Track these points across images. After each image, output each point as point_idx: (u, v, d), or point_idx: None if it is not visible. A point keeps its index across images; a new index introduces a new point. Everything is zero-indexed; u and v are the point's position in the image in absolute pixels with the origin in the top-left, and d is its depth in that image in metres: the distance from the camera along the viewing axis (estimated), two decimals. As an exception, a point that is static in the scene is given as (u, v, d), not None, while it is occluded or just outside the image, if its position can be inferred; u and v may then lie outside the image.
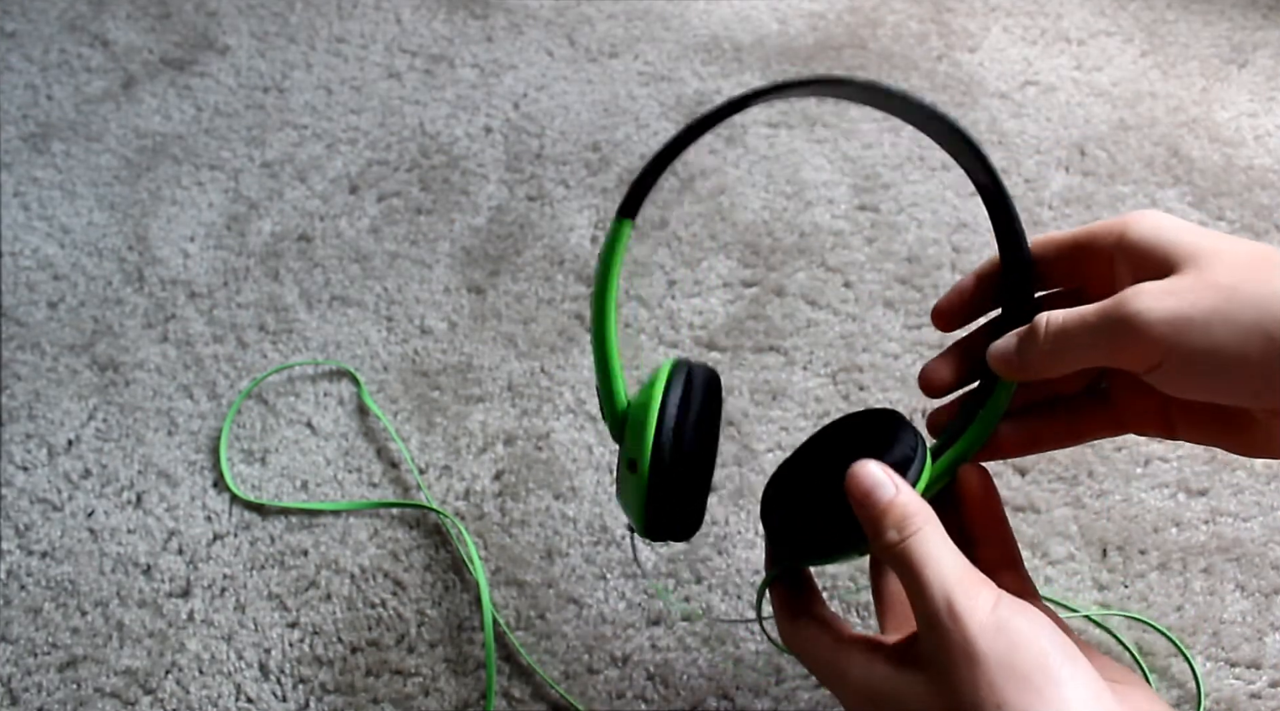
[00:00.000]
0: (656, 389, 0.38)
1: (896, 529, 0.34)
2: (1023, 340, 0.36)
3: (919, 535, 0.33)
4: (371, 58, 0.92)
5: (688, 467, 0.38)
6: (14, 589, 0.58)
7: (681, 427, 0.37)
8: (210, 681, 0.55)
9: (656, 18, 0.96)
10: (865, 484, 0.35)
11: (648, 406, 0.37)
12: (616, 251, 0.38)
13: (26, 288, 0.73)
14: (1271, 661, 0.55)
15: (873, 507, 0.34)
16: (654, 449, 0.37)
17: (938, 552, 0.33)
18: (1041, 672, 0.30)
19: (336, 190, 0.80)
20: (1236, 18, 0.96)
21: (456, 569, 0.59)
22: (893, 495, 0.34)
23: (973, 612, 0.31)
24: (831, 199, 0.78)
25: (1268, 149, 0.83)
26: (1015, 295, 0.39)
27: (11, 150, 0.84)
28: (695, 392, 0.38)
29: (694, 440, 0.38)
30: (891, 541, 0.34)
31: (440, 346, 0.69)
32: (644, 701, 0.54)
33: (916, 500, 0.34)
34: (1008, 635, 0.30)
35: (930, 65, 0.90)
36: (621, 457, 0.38)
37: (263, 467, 0.63)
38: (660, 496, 0.37)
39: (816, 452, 0.41)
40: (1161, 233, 0.34)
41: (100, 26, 0.95)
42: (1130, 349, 0.32)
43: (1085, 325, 0.34)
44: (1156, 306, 0.31)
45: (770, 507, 0.40)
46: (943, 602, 0.31)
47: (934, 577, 0.32)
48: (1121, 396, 0.39)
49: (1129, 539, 0.59)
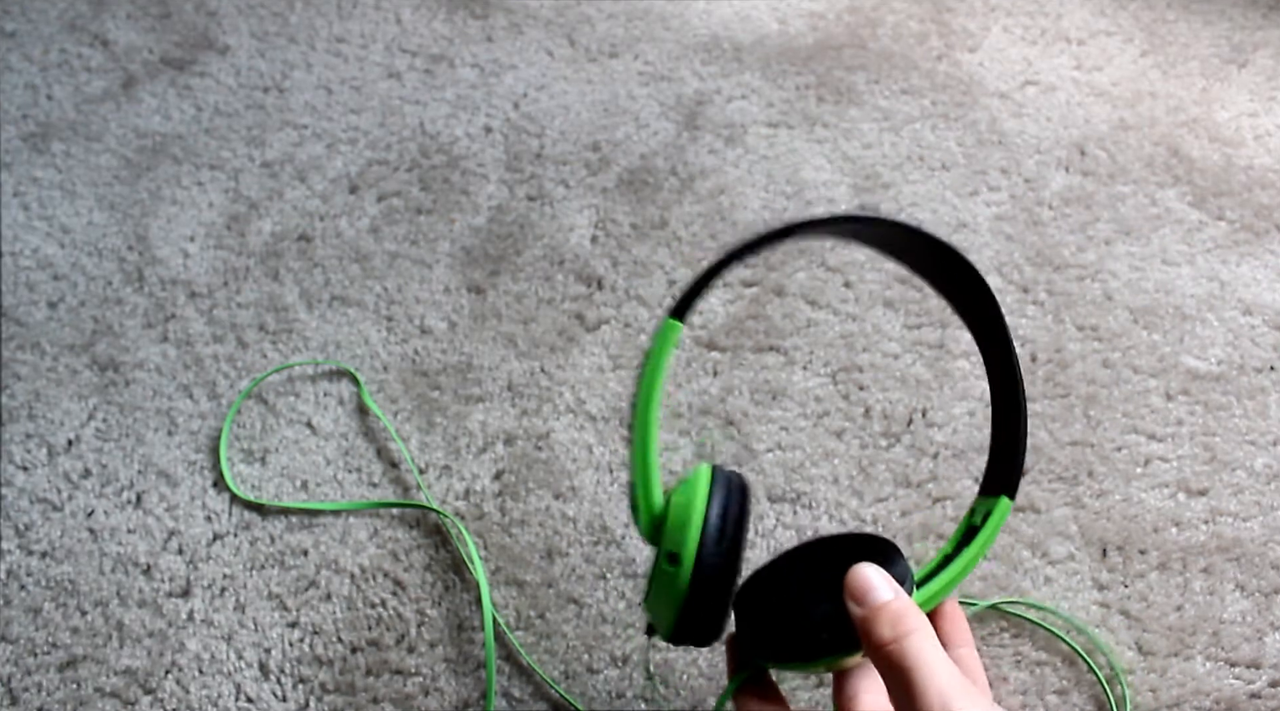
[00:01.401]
0: (700, 488, 0.38)
1: (891, 627, 0.33)
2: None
3: (915, 636, 0.33)
4: (371, 58, 0.92)
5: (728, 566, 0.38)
6: (14, 589, 0.58)
7: (724, 527, 0.38)
8: (210, 681, 0.55)
9: (656, 18, 0.96)
10: (865, 582, 0.35)
11: (692, 504, 0.38)
12: (664, 352, 0.38)
13: (26, 288, 0.73)
14: (1271, 661, 0.55)
15: (870, 605, 0.34)
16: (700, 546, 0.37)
17: (934, 656, 0.33)
18: None
19: (336, 190, 0.80)
20: (1236, 18, 0.96)
21: (456, 569, 0.59)
22: (890, 597, 0.34)
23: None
24: (831, 199, 0.78)
25: (1268, 149, 0.83)
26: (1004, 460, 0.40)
27: (11, 150, 0.84)
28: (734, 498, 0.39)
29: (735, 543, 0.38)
30: (885, 639, 0.33)
31: (440, 346, 0.69)
32: (644, 701, 0.54)
33: (912, 605, 0.35)
34: None
35: (930, 65, 0.90)
36: (660, 555, 0.38)
37: (263, 467, 0.63)
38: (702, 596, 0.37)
39: (806, 559, 0.41)
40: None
41: (100, 26, 0.95)
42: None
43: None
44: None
45: (748, 604, 0.40)
46: (939, 707, 0.31)
47: (930, 681, 0.32)
48: None
49: (1129, 539, 0.59)
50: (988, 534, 0.40)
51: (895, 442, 0.64)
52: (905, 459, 0.63)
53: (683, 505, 0.38)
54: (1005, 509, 0.40)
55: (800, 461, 0.63)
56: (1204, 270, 0.73)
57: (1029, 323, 0.70)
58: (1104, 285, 0.72)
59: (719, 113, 0.86)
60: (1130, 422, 0.64)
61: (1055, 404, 0.65)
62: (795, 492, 0.62)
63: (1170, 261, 0.74)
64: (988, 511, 0.40)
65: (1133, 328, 0.70)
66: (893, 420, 0.65)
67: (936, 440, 0.64)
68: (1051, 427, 0.64)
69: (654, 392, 0.38)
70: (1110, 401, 0.66)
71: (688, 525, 0.37)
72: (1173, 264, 0.74)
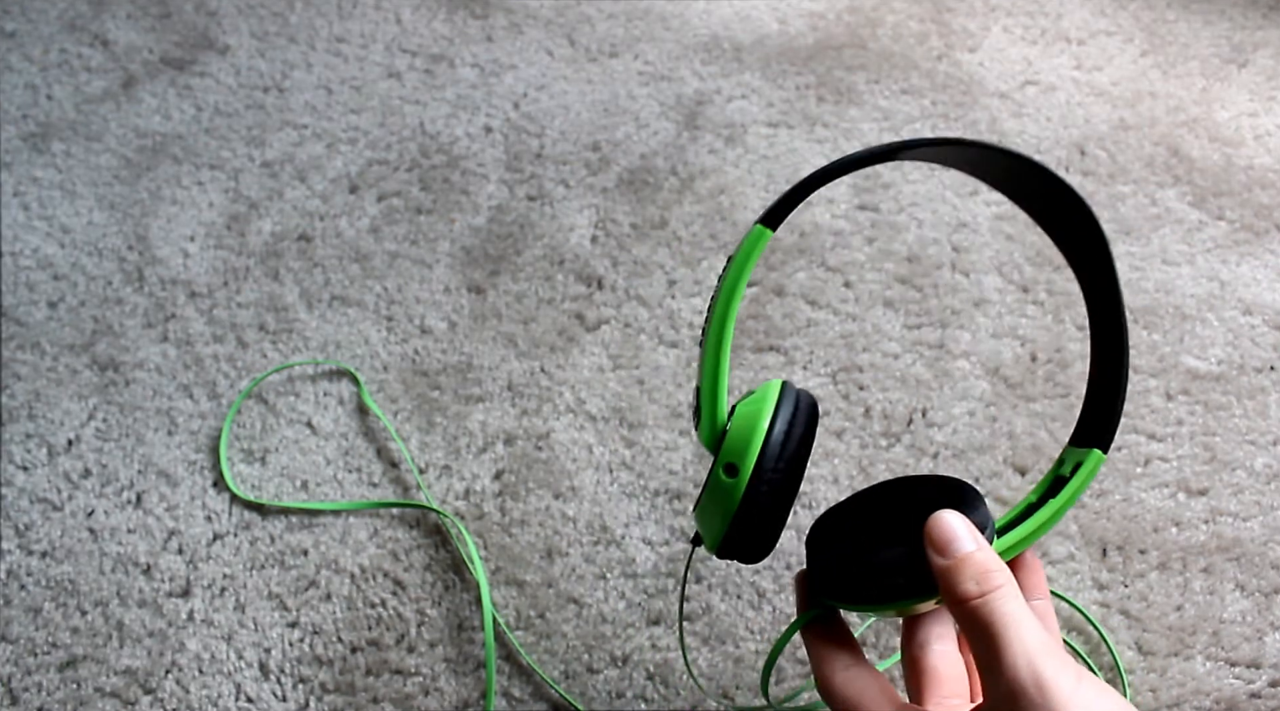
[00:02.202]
0: (768, 401, 0.37)
1: (976, 582, 0.32)
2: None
3: (1001, 592, 0.31)
4: (371, 58, 0.92)
5: (786, 482, 0.37)
6: (14, 589, 0.58)
7: (788, 443, 0.37)
8: (210, 681, 0.55)
9: (656, 18, 0.96)
10: (947, 531, 0.33)
11: (759, 414, 0.37)
12: (751, 258, 0.37)
13: (26, 287, 0.73)
14: (1271, 661, 0.55)
15: (953, 556, 0.32)
16: (760, 456, 0.36)
17: (1021, 614, 0.31)
18: None
19: (336, 190, 0.80)
20: (1236, 18, 0.96)
21: (456, 569, 0.59)
22: (974, 548, 0.32)
23: (1060, 685, 0.29)
24: (831, 199, 0.78)
25: (1268, 149, 0.83)
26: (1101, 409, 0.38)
27: (11, 150, 0.84)
28: (801, 414, 0.38)
29: (795, 459, 0.37)
30: (969, 593, 0.32)
31: (440, 346, 0.69)
32: (644, 701, 0.54)
33: (997, 558, 0.33)
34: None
35: (930, 65, 0.90)
36: (717, 465, 0.37)
37: (263, 467, 0.63)
38: (756, 505, 0.36)
39: (882, 499, 0.39)
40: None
41: (100, 26, 0.95)
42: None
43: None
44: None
45: (822, 542, 0.39)
46: (1027, 670, 0.29)
47: (1017, 641, 0.30)
48: None
49: (1129, 539, 0.59)
50: (1077, 485, 0.37)
51: (895, 442, 0.64)
52: (905, 459, 0.63)
53: (748, 416, 0.37)
54: (1098, 461, 0.38)
55: (800, 461, 0.63)
56: (1204, 270, 0.73)
57: (1029, 323, 0.70)
58: (1104, 285, 0.72)
59: (719, 113, 0.86)
60: (1130, 422, 0.64)
61: (1055, 404, 0.65)
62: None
63: (1170, 261, 0.74)
64: (1078, 462, 0.38)
65: (1133, 327, 0.70)
66: (893, 420, 0.65)
67: (936, 440, 0.64)
68: (1051, 427, 0.64)
69: (734, 299, 0.37)
70: (1110, 401, 0.66)
71: (751, 437, 0.36)
72: (1173, 264, 0.74)
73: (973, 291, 0.72)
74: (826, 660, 0.36)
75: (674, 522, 0.60)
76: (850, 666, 0.36)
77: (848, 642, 0.37)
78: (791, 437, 0.37)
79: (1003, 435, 0.64)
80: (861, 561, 0.36)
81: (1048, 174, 0.37)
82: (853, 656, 0.36)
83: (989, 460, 0.63)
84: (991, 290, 0.72)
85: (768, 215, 0.36)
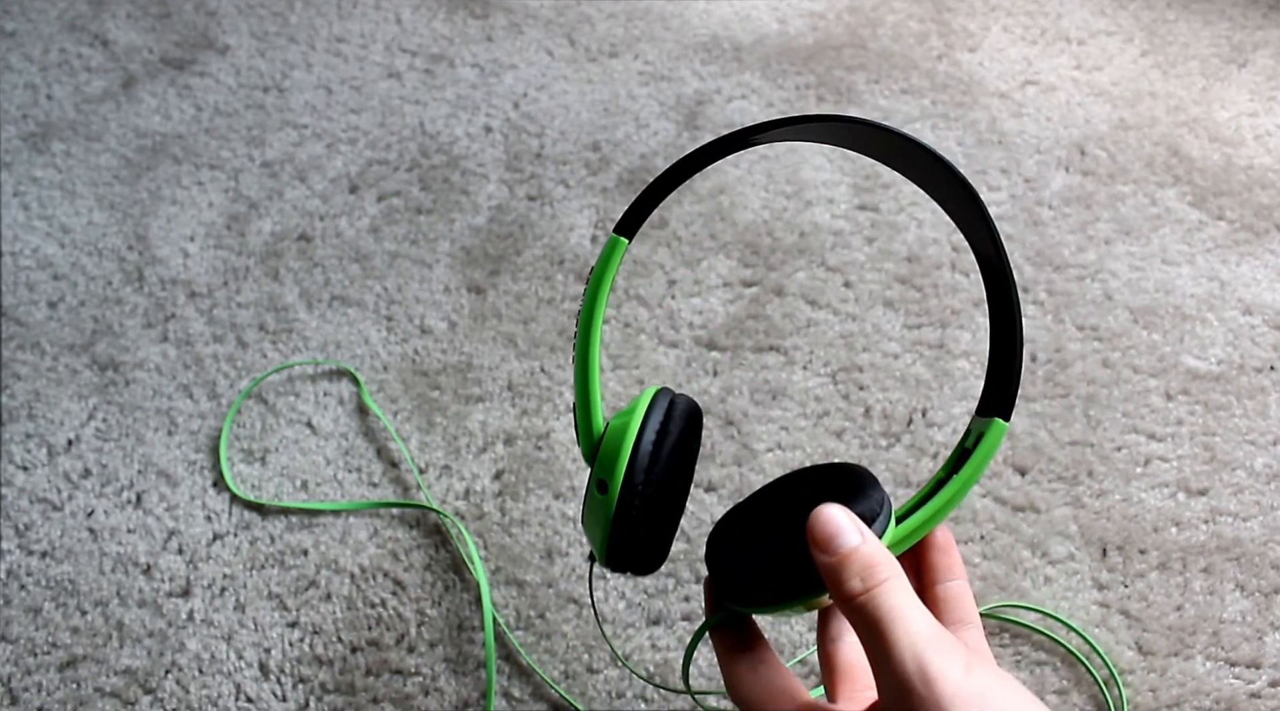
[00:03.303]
0: (637, 413, 0.37)
1: (860, 578, 0.31)
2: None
3: (886, 586, 0.31)
4: (371, 58, 0.92)
5: (661, 494, 0.37)
6: (14, 589, 0.58)
7: (658, 454, 0.36)
8: (210, 681, 0.55)
9: (656, 18, 0.96)
10: (828, 527, 0.32)
11: (626, 429, 0.36)
12: (609, 269, 0.37)
13: (26, 287, 0.73)
14: (1271, 661, 0.55)
15: (835, 553, 0.31)
16: (628, 473, 0.36)
17: (906, 607, 0.30)
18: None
19: (336, 190, 0.80)
20: (1236, 18, 0.96)
21: (456, 569, 0.59)
22: (858, 542, 0.31)
23: (947, 676, 0.28)
24: (831, 199, 0.78)
25: (1268, 149, 0.83)
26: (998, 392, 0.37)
27: (11, 150, 0.84)
28: (675, 422, 0.37)
29: (670, 469, 0.37)
30: (854, 591, 0.31)
31: (440, 346, 0.69)
32: (644, 701, 0.54)
33: (883, 550, 0.32)
34: (985, 701, 0.28)
35: (930, 65, 0.90)
36: (591, 480, 0.37)
37: (263, 467, 0.63)
38: (628, 524, 0.36)
39: (775, 497, 0.39)
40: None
41: (100, 26, 0.95)
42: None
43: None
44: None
45: (718, 547, 0.38)
46: (913, 664, 0.29)
47: (903, 635, 0.29)
48: None
49: (1129, 539, 0.59)
50: (980, 457, 0.37)
51: (895, 442, 0.64)
52: (905, 459, 0.63)
53: (617, 430, 0.37)
54: (1000, 431, 0.37)
55: (800, 461, 0.63)
56: (1204, 270, 0.73)
57: (1029, 322, 0.70)
58: (1104, 285, 0.72)
59: (719, 113, 0.86)
60: (1130, 422, 0.64)
61: (1055, 404, 0.65)
62: (795, 492, 0.62)
63: (1170, 261, 0.74)
64: (981, 433, 0.37)
65: (1133, 327, 0.70)
66: (893, 420, 0.65)
67: (936, 440, 0.64)
68: (1051, 427, 0.64)
69: (596, 312, 0.37)
70: (1110, 401, 0.66)
71: (619, 453, 0.36)
72: (1173, 264, 0.74)
73: (973, 291, 0.72)
74: (732, 662, 0.36)
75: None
76: (755, 666, 0.36)
77: (754, 644, 0.37)
78: (662, 450, 0.36)
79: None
80: (753, 563, 0.36)
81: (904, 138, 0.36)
82: (759, 657, 0.36)
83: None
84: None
85: (622, 223, 0.37)
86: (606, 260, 0.37)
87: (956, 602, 0.38)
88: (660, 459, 0.36)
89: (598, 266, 0.37)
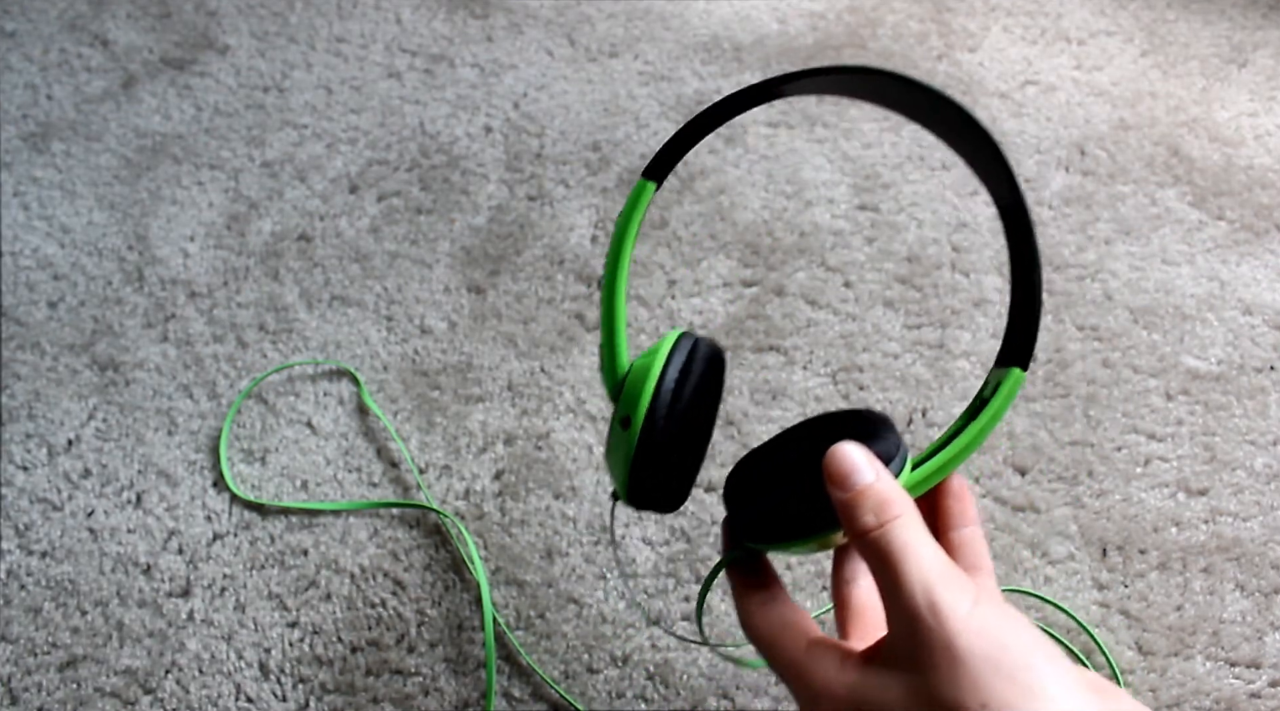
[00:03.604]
0: (661, 352, 0.38)
1: (874, 513, 0.31)
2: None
3: (899, 522, 0.31)
4: (371, 58, 0.92)
5: (682, 430, 0.37)
6: (14, 589, 0.58)
7: (681, 391, 0.37)
8: (210, 681, 0.55)
9: (656, 18, 0.96)
10: (845, 464, 0.32)
11: (650, 367, 0.37)
12: (636, 212, 0.38)
13: (26, 287, 0.73)
14: (1271, 661, 0.55)
15: (850, 489, 0.32)
16: (650, 407, 0.37)
17: (917, 543, 0.31)
18: (1026, 671, 0.28)
19: (336, 190, 0.80)
20: (1236, 18, 0.96)
21: (456, 569, 0.59)
22: (872, 479, 0.32)
23: (955, 608, 0.29)
24: (831, 199, 0.78)
25: (1268, 149, 0.83)
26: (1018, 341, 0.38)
27: (11, 150, 0.84)
28: (698, 362, 0.38)
29: (692, 406, 0.38)
30: (868, 526, 0.31)
31: (440, 346, 0.69)
32: (644, 701, 0.54)
33: (897, 488, 0.32)
34: (991, 633, 0.29)
35: (930, 65, 0.90)
36: (615, 417, 0.38)
37: (263, 467, 0.63)
38: (650, 457, 0.37)
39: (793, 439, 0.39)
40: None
41: (100, 26, 0.95)
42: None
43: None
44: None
45: (736, 486, 0.39)
46: (923, 597, 0.30)
47: (914, 569, 0.30)
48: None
49: (1129, 539, 0.59)
50: (998, 405, 0.37)
51: (895, 442, 0.64)
52: (905, 459, 0.63)
53: (642, 369, 0.38)
54: (1017, 380, 0.37)
55: (800, 461, 0.63)
56: (1204, 270, 0.73)
57: (1029, 322, 0.70)
58: (1104, 285, 0.72)
59: (719, 113, 0.86)
60: (1130, 422, 0.64)
61: (1055, 404, 0.65)
62: (795, 492, 0.62)
63: (1170, 261, 0.74)
64: (998, 382, 0.37)
65: (1133, 327, 0.70)
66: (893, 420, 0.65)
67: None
68: (1051, 427, 0.64)
69: (623, 254, 0.38)
70: (1110, 401, 0.66)
71: (642, 391, 0.37)
72: (1173, 264, 0.74)
73: (973, 291, 0.72)
74: (746, 599, 0.37)
75: (674, 522, 0.60)
76: (767, 603, 0.36)
77: (768, 582, 0.37)
78: (684, 389, 0.37)
79: (1002, 435, 0.64)
80: (769, 500, 0.36)
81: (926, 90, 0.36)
82: (772, 594, 0.37)
83: (989, 460, 0.63)
84: (991, 290, 0.72)
85: (650, 168, 0.37)
86: (634, 203, 0.38)
87: (970, 548, 0.38)
88: (682, 397, 0.37)
89: (625, 209, 0.38)
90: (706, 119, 0.38)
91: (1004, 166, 0.36)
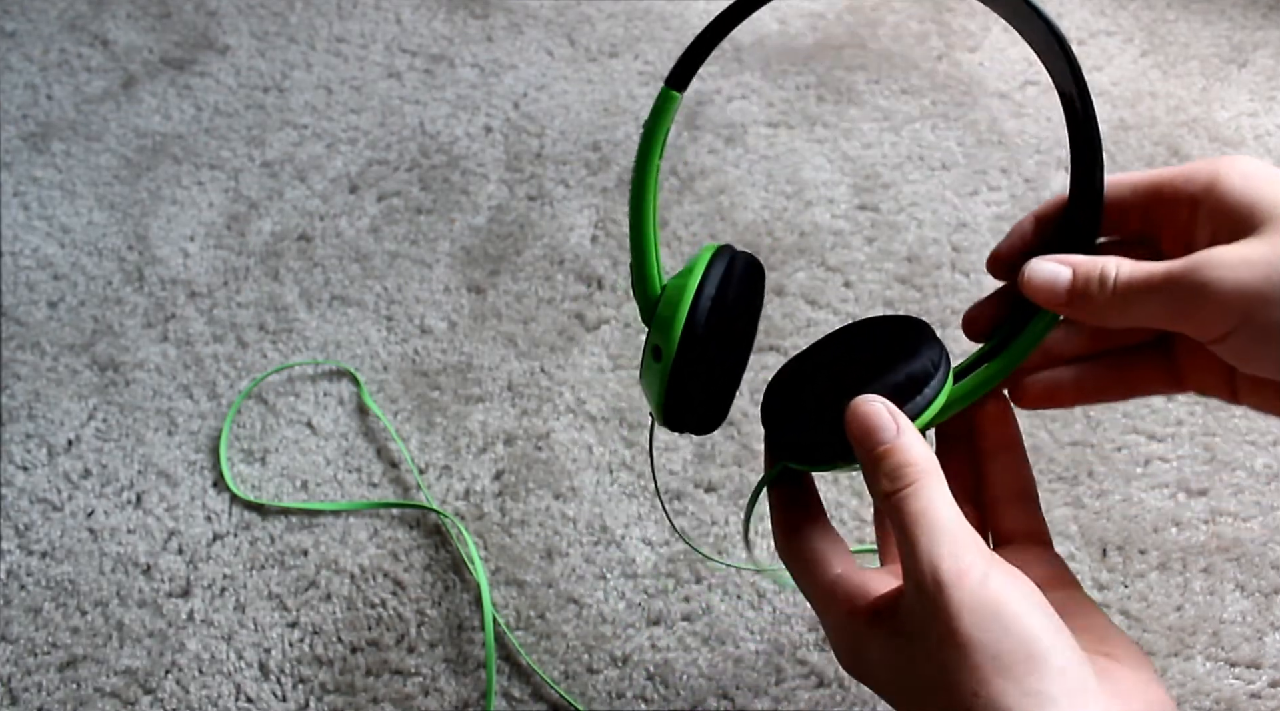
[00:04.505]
0: (695, 272, 0.36)
1: (889, 478, 0.31)
2: (1083, 281, 0.32)
3: (914, 488, 0.31)
4: (371, 58, 0.92)
5: (719, 360, 0.36)
6: (14, 589, 0.58)
7: (716, 315, 0.35)
8: (210, 681, 0.55)
9: (656, 18, 0.96)
10: (865, 422, 0.32)
11: (684, 289, 0.36)
12: (663, 122, 0.36)
13: (26, 287, 0.73)
14: (1271, 661, 0.55)
15: (870, 449, 0.32)
16: (686, 326, 0.35)
17: (931, 511, 0.30)
18: (1025, 663, 0.28)
19: (336, 190, 0.80)
20: (1236, 18, 0.96)
21: (456, 569, 0.59)
22: (893, 438, 0.31)
23: (959, 585, 0.29)
24: (831, 199, 0.78)
25: (1268, 149, 0.83)
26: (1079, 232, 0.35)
27: (11, 150, 0.84)
28: (734, 282, 0.36)
29: (729, 333, 0.36)
30: (884, 490, 0.31)
31: (440, 346, 0.69)
32: (644, 701, 0.54)
33: (918, 446, 0.32)
34: (993, 618, 0.28)
35: (930, 65, 0.90)
36: (649, 342, 0.36)
37: (263, 467, 0.63)
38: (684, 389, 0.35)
39: (833, 351, 0.38)
40: (1253, 187, 0.31)
41: (100, 26, 0.95)
42: (1197, 319, 0.30)
43: (1151, 286, 0.31)
44: (1230, 277, 0.29)
45: (774, 401, 0.38)
46: (928, 569, 0.29)
47: (923, 538, 0.30)
48: (1185, 355, 0.36)
49: (1129, 539, 0.59)
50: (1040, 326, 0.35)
51: (895, 442, 0.64)
52: (905, 459, 0.63)
53: (675, 291, 0.36)
54: None
55: (800, 461, 0.63)
56: (1204, 270, 0.73)
57: (1029, 322, 0.70)
58: (1104, 285, 0.72)
59: (719, 113, 0.86)
60: (1130, 422, 0.64)
61: (1055, 404, 0.65)
62: (795, 492, 0.62)
63: (1170, 261, 0.74)
64: None
65: (1133, 327, 0.70)
66: (893, 420, 0.65)
67: (936, 440, 0.64)
68: (1051, 427, 0.64)
69: (650, 169, 0.36)
70: (1110, 401, 0.66)
71: (675, 316, 0.35)
72: (1173, 264, 0.74)
73: (973, 291, 0.72)
74: (783, 520, 0.36)
75: (677, 521, 0.60)
76: (802, 527, 0.36)
77: (808, 503, 0.37)
78: (721, 312, 0.36)
79: (1003, 435, 0.64)
80: (809, 420, 0.35)
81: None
82: (810, 516, 0.36)
83: (989, 460, 0.63)
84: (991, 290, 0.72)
85: (673, 76, 0.36)
86: (659, 114, 0.36)
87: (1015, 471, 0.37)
88: (719, 320, 0.36)
89: (649, 121, 0.36)
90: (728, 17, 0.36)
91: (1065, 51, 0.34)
